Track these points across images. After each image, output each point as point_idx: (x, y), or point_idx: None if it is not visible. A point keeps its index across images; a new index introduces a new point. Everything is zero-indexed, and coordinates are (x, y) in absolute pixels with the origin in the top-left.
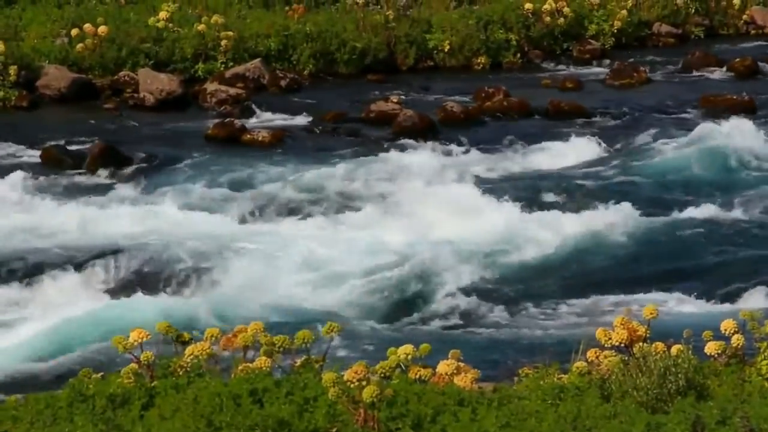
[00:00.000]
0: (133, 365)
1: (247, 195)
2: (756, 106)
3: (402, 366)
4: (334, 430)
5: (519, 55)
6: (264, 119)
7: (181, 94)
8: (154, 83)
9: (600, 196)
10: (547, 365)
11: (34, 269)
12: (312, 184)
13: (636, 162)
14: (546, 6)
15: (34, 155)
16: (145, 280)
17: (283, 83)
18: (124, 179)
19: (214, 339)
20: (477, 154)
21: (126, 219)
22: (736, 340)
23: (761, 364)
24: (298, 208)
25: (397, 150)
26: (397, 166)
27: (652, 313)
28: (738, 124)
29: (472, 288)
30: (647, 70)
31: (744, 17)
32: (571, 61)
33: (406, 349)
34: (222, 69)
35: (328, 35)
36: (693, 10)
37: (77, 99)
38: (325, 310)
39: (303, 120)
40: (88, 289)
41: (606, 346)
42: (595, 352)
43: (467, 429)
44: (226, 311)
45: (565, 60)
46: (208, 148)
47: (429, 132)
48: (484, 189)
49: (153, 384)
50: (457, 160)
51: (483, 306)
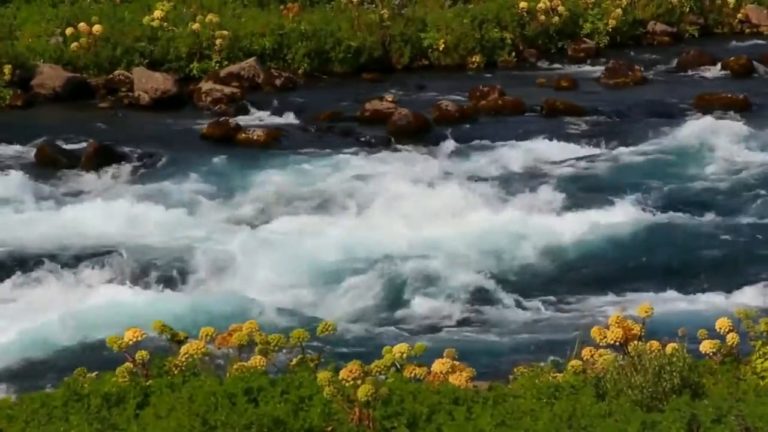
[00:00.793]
0: (128, 364)
1: (242, 194)
2: (751, 104)
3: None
4: (330, 428)
5: (514, 53)
6: (259, 118)
7: (175, 93)
8: (149, 82)
9: (594, 195)
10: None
11: (28, 267)
12: (306, 183)
13: (631, 161)
14: (541, 4)
15: (28, 154)
16: (139, 278)
17: (277, 82)
18: (119, 178)
19: (209, 338)
20: (472, 152)
21: (120, 218)
22: (731, 338)
23: (756, 362)
24: (293, 207)
25: (392, 149)
26: (392, 165)
27: (646, 311)
28: (732, 123)
29: (467, 287)
30: (642, 69)
31: (738, 16)
32: (566, 59)
33: (401, 347)
34: (217, 68)
35: (323, 34)
36: (688, 9)
37: (72, 98)
38: (320, 308)
39: (298, 119)
40: (82, 288)
41: (601, 344)
42: (590, 351)
43: (462, 428)
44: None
45: (560, 59)
46: (203, 147)
47: (424, 131)
48: (478, 188)
49: (148, 383)
50: (452, 158)
51: (477, 305)
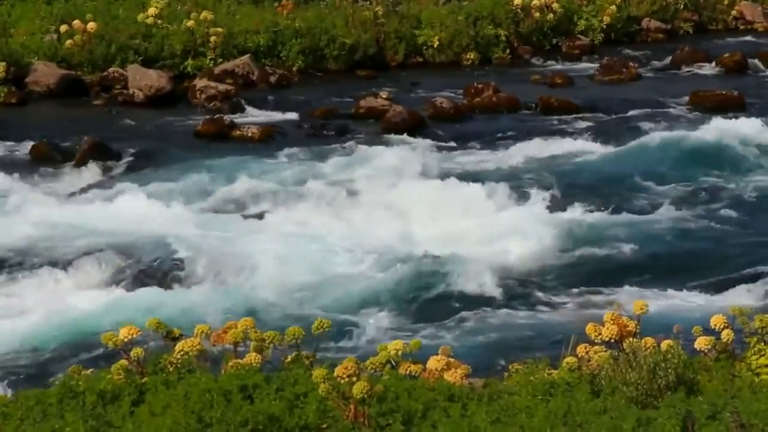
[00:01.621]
0: (123, 361)
1: (237, 190)
2: (745, 101)
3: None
4: (325, 426)
5: (508, 50)
6: (253, 115)
7: (170, 91)
8: (144, 79)
9: (589, 192)
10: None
11: (22, 265)
12: (301, 180)
13: (625, 158)
14: (535, 2)
15: (23, 152)
16: (134, 275)
17: (272, 79)
18: (114, 175)
19: (204, 335)
20: (466, 149)
21: (115, 215)
22: (726, 335)
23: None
24: (288, 203)
25: (386, 146)
26: (386, 162)
27: (641, 308)
28: (727, 120)
29: (462, 284)
30: (636, 66)
31: (733, 13)
32: (561, 56)
33: (396, 345)
34: (211, 65)
35: (318, 31)
36: (682, 6)
37: (66, 95)
38: (315, 306)
39: (292, 116)
40: (77, 285)
41: (596, 341)
42: (585, 348)
43: (457, 424)
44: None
45: (555, 56)
46: (197, 144)
47: (418, 128)
48: (473, 185)
49: (143, 380)
50: (446, 156)
51: (472, 302)
